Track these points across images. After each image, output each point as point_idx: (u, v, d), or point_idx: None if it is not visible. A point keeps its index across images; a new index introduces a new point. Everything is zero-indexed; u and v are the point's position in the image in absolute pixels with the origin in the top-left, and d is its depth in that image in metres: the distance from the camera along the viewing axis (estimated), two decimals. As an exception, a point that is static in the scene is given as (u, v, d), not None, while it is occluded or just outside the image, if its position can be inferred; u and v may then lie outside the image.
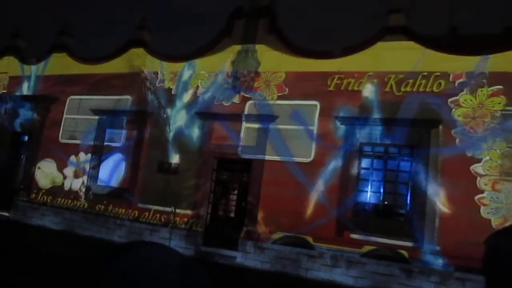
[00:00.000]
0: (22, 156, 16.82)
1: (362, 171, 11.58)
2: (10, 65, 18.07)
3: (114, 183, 14.55)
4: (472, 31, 16.54)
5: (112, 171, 14.67)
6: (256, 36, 13.52)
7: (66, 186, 15.35)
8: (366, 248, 10.84)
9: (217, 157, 13.33)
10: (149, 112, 14.42)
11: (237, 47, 13.68)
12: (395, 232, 10.73)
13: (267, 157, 12.43)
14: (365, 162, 11.64)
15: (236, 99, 13.30)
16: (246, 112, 13.05)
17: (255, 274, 11.30)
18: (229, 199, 13.40)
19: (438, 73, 11.10)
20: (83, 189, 14.98)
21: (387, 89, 11.54)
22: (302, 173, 11.86)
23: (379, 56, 11.79)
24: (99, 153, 15.01)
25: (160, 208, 13.46)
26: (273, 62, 13.04)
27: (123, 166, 14.55)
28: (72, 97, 16.10)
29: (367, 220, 11.09)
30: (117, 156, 14.73)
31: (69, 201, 15.07)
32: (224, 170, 13.42)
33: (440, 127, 10.80)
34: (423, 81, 11.21)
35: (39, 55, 17.51)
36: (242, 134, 12.94)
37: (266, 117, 12.63)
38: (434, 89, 11.08)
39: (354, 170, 11.50)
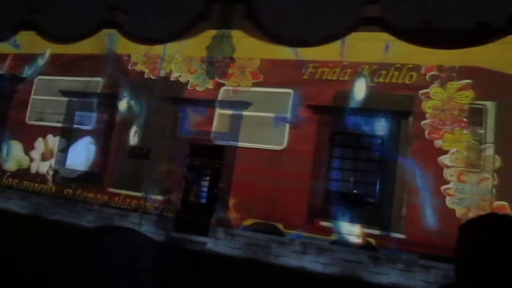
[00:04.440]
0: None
1: (333, 160, 11.73)
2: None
3: (84, 166, 14.24)
4: (445, 25, 16.83)
5: (81, 154, 14.34)
6: (232, 21, 13.39)
7: (33, 169, 14.94)
8: (336, 236, 11.04)
9: (190, 143, 13.22)
10: (120, 95, 14.11)
11: (213, 32, 13.51)
12: (363, 220, 10.95)
13: (240, 144, 12.41)
14: (336, 151, 11.79)
15: (210, 85, 13.17)
16: (220, 98, 12.96)
17: (225, 260, 11.34)
18: (201, 185, 13.35)
19: (410, 65, 11.28)
20: (51, 172, 14.62)
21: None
22: (274, 160, 11.90)
23: (354, 47, 11.87)
24: (68, 135, 14.64)
25: (131, 193, 13.30)
26: (249, 48, 12.94)
27: (93, 150, 14.24)
28: (40, 77, 15.60)
29: (337, 208, 11.27)
30: (87, 140, 14.40)
31: (36, 185, 14.69)
32: (197, 156, 13.34)
33: (410, 118, 11.02)
34: (396, 73, 11.37)
35: (5, 33, 16.83)
36: (215, 120, 12.86)
37: (239, 104, 12.57)
38: (406, 81, 11.27)
39: (326, 159, 11.63)
